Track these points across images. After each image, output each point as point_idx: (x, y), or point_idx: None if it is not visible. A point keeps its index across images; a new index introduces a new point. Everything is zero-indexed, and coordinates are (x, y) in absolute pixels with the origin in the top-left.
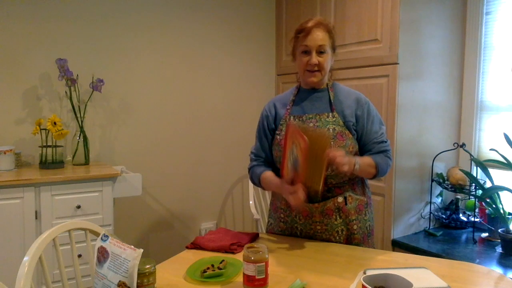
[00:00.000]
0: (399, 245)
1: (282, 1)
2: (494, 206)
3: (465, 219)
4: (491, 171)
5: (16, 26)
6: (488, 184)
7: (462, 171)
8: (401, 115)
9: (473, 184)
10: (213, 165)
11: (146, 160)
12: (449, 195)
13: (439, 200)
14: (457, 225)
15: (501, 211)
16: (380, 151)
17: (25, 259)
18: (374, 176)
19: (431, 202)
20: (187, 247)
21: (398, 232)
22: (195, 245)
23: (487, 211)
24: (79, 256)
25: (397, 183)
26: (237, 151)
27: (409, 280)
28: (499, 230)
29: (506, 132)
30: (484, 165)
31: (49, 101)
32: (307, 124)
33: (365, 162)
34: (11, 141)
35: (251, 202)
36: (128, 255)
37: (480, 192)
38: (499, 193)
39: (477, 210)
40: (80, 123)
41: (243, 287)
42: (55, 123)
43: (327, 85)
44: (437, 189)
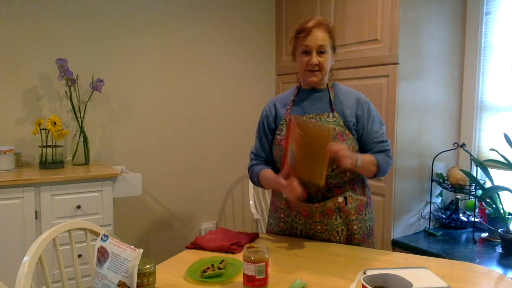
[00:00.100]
0: (399, 245)
1: (282, 1)
2: (494, 206)
3: (465, 219)
4: (491, 171)
5: (16, 26)
6: (488, 184)
7: (462, 171)
8: (401, 115)
9: (473, 184)
10: (213, 165)
11: (146, 160)
12: (449, 195)
13: (439, 200)
14: (457, 225)
15: (501, 211)
16: (381, 151)
17: (25, 259)
18: (374, 175)
19: (431, 202)
20: (187, 247)
21: (398, 232)
22: (195, 245)
23: (487, 211)
24: (79, 256)
25: (397, 183)
26: (237, 151)
27: (409, 280)
28: (499, 230)
29: (506, 132)
30: (484, 165)
31: (49, 101)
32: (308, 118)
33: (367, 159)
34: (11, 141)
35: (251, 202)
36: (128, 255)
37: (480, 192)
38: (499, 193)
39: (477, 210)
40: (80, 123)
41: (243, 287)
42: (55, 123)
43: (327, 85)
44: (437, 189)
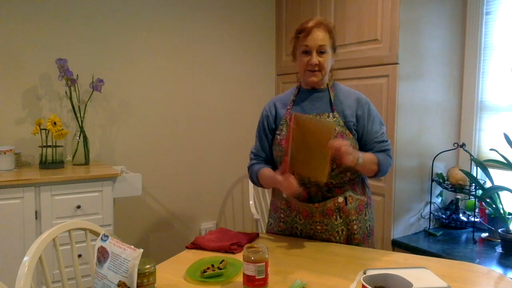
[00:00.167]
0: (399, 245)
1: (282, 1)
2: (494, 206)
3: (465, 219)
4: (491, 171)
5: (16, 26)
6: (488, 184)
7: (462, 171)
8: (401, 115)
9: (473, 184)
10: (213, 165)
11: (146, 160)
12: (449, 195)
13: (439, 200)
14: (457, 225)
15: (501, 211)
16: (381, 150)
17: (25, 259)
18: (375, 174)
19: (431, 202)
20: (187, 247)
21: (398, 232)
22: (195, 245)
23: (487, 211)
24: (79, 256)
25: (397, 183)
26: (237, 151)
27: (409, 280)
28: (499, 230)
29: (506, 132)
30: (484, 165)
31: (49, 101)
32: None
33: (368, 157)
34: (11, 141)
35: (251, 202)
36: (128, 255)
37: (480, 192)
38: (499, 193)
39: (477, 210)
40: (80, 123)
41: (243, 287)
42: (55, 123)
43: (327, 85)
44: (437, 189)
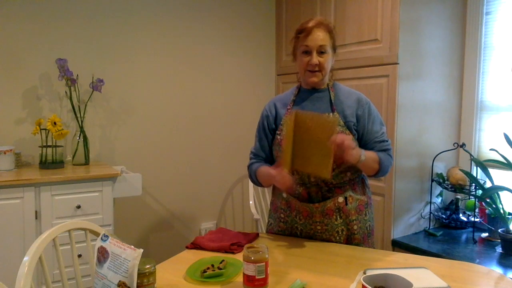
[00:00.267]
0: (399, 245)
1: (282, 1)
2: (494, 206)
3: (465, 219)
4: (491, 171)
5: (16, 26)
6: (488, 184)
7: (462, 171)
8: (401, 115)
9: (473, 184)
10: (213, 165)
11: (146, 160)
12: (449, 195)
13: (439, 200)
14: (457, 225)
15: (501, 211)
16: (382, 150)
17: (25, 259)
18: (376, 173)
19: (431, 202)
20: (187, 247)
21: (398, 232)
22: (195, 245)
23: (487, 211)
24: (79, 256)
25: (397, 183)
26: (237, 151)
27: (409, 280)
28: (499, 230)
29: (506, 132)
30: (484, 165)
31: (49, 101)
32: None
33: (370, 155)
34: (11, 141)
35: (251, 202)
36: (128, 255)
37: (480, 192)
38: (499, 193)
39: (477, 210)
40: (80, 123)
41: (243, 287)
42: (55, 123)
43: (327, 85)
44: (437, 189)
